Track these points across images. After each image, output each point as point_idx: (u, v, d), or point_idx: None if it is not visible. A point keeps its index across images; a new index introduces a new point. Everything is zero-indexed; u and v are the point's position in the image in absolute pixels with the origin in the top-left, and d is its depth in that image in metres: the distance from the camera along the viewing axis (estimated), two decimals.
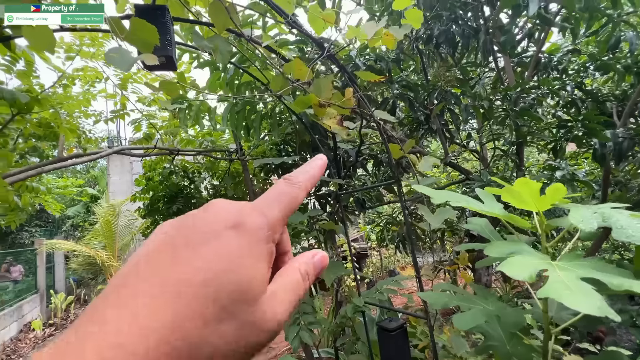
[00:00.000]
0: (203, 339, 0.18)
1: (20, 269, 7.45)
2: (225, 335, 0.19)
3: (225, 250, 0.20)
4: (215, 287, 0.19)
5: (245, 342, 0.19)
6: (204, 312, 0.18)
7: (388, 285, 1.53)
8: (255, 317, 0.20)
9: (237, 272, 0.20)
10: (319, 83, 0.98)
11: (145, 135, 1.71)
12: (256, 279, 0.20)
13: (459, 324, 0.67)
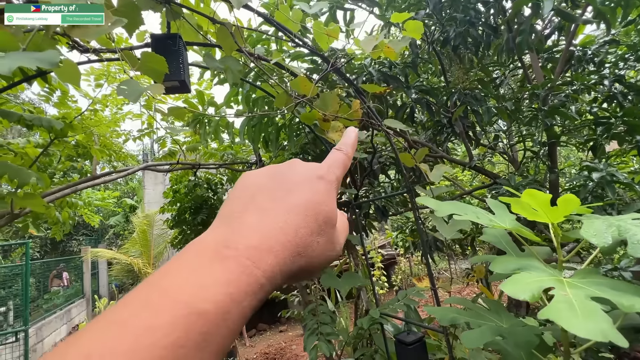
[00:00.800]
0: (310, 243, 0.26)
1: (66, 276, 8.04)
2: (320, 244, 0.27)
3: (318, 190, 0.28)
4: (316, 212, 0.27)
5: (327, 254, 0.28)
6: (311, 225, 0.26)
7: (409, 295, 1.50)
8: (334, 237, 0.29)
9: (326, 204, 0.28)
10: (325, 97, 1.00)
11: (170, 151, 1.82)
12: (334, 212, 0.29)
13: (467, 341, 0.64)
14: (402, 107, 2.20)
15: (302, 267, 0.26)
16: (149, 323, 0.17)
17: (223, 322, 0.19)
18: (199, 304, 0.19)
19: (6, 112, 0.98)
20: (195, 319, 0.18)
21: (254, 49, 1.46)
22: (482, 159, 3.15)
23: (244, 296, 0.21)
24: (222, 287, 0.20)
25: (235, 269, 0.21)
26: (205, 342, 0.18)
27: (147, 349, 0.16)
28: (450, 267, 9.13)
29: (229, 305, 0.20)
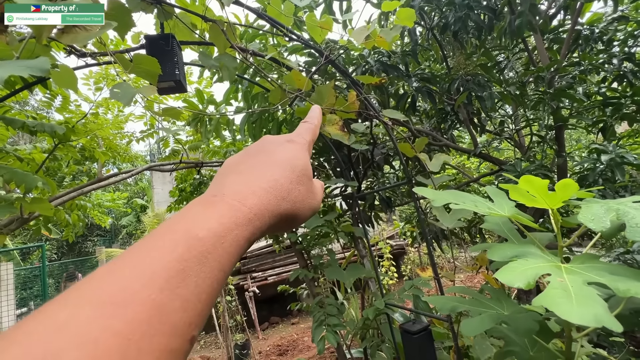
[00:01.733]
0: (291, 189, 0.31)
1: (80, 277, 8.24)
2: (302, 192, 0.32)
3: (290, 149, 0.34)
4: (292, 164, 0.32)
5: (309, 201, 0.33)
6: (289, 175, 0.31)
7: (415, 285, 1.50)
8: (313, 187, 0.34)
9: (300, 159, 0.33)
10: (320, 90, 0.99)
11: (173, 151, 1.85)
12: (309, 166, 0.34)
13: (466, 330, 0.65)
14: (404, 96, 2.18)
15: (288, 210, 0.30)
16: (156, 244, 0.21)
17: (219, 244, 0.23)
18: (197, 231, 0.22)
19: (10, 119, 1.00)
20: (194, 241, 0.22)
21: (250, 44, 1.45)
22: (487, 146, 3.10)
23: (234, 226, 0.24)
24: (215, 220, 0.24)
25: (223, 207, 0.25)
26: (204, 259, 0.22)
27: (157, 261, 0.20)
28: (459, 255, 9.08)
29: (222, 232, 0.23)
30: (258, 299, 6.03)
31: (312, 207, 0.34)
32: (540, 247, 0.69)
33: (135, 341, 0.16)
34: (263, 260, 6.47)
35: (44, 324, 0.15)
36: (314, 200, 0.34)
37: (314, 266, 2.00)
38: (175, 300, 0.19)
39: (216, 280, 0.22)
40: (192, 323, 0.20)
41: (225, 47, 0.98)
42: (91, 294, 0.18)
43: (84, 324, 0.16)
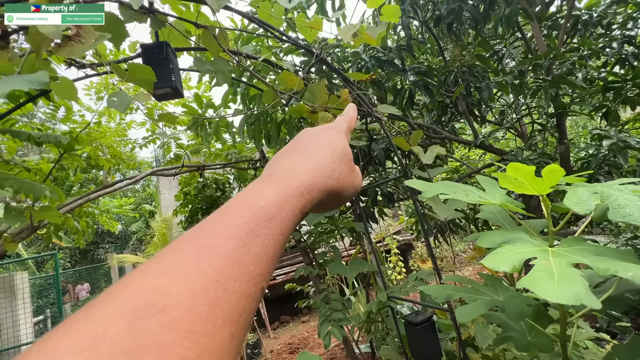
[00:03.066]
0: (335, 168, 0.34)
1: (88, 287, 8.33)
2: (344, 171, 0.35)
3: (329, 135, 0.38)
4: (332, 146, 0.36)
5: (351, 179, 0.36)
6: (331, 155, 0.35)
7: (419, 278, 1.51)
8: (353, 168, 0.38)
9: (339, 142, 0.37)
10: (313, 89, 1.01)
11: (175, 156, 1.88)
12: (348, 149, 0.38)
13: (460, 316, 0.66)
14: (401, 90, 2.18)
15: (333, 186, 0.34)
16: (229, 213, 0.25)
17: (278, 212, 0.27)
18: (259, 201, 0.26)
19: (16, 131, 1.04)
20: (257, 209, 0.26)
21: (245, 47, 1.47)
22: (489, 137, 3.08)
23: (289, 197, 0.28)
24: (271, 193, 0.28)
25: (277, 182, 0.30)
26: (268, 223, 0.25)
27: (231, 224, 0.24)
28: (468, 248, 9.02)
29: (279, 201, 0.27)
30: (268, 299, 6.08)
31: (355, 184, 0.37)
32: (531, 233, 0.71)
33: (222, 283, 0.20)
34: None
35: (155, 267, 0.20)
36: (356, 178, 0.38)
37: (318, 263, 2.02)
38: (248, 254, 0.23)
39: (278, 242, 0.26)
40: (263, 274, 0.24)
41: (218, 52, 1.01)
42: (188, 243, 0.22)
43: (184, 267, 0.20)
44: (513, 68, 2.97)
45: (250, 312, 0.22)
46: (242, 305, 0.21)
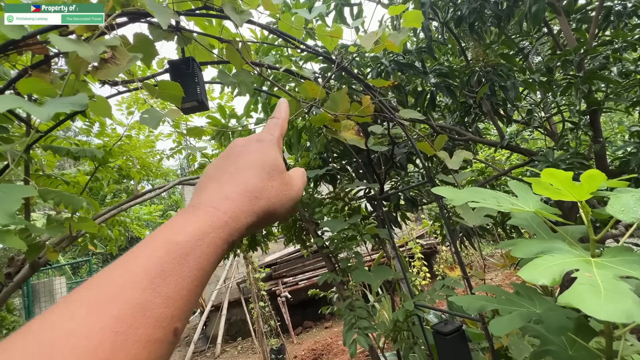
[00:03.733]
0: (264, 187, 0.33)
1: None
2: (274, 188, 0.34)
3: (258, 149, 0.36)
4: (261, 163, 0.35)
5: (286, 193, 0.35)
6: (260, 174, 0.34)
7: (446, 285, 1.47)
8: (286, 179, 0.36)
9: (269, 156, 0.36)
10: (334, 97, 1.02)
11: (200, 165, 1.94)
12: (280, 161, 0.36)
13: (495, 329, 0.63)
14: (422, 93, 2.15)
15: (263, 207, 0.33)
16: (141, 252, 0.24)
17: (197, 246, 0.26)
18: (174, 237, 0.26)
19: (56, 147, 1.12)
20: (171, 246, 0.25)
21: (265, 57, 1.50)
22: (516, 137, 2.96)
23: (210, 229, 0.28)
24: (191, 226, 0.27)
25: (199, 213, 0.29)
26: (183, 260, 0.25)
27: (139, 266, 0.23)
28: (495, 252, 8.67)
29: (198, 235, 0.27)
30: (290, 304, 6.10)
31: (290, 197, 0.36)
32: (570, 241, 0.67)
33: (121, 333, 0.19)
34: (293, 265, 6.55)
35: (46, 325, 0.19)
36: (291, 190, 0.36)
37: (341, 269, 2.01)
38: (157, 297, 0.22)
39: (196, 278, 0.25)
40: (175, 316, 0.23)
41: (241, 65, 1.03)
42: (86, 296, 0.21)
43: (77, 322, 0.19)
44: (539, 64, 2.85)
45: (161, 357, 0.21)
46: (146, 353, 0.20)
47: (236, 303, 6.81)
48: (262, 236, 2.36)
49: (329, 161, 2.43)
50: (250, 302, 5.25)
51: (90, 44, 0.66)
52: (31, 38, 0.80)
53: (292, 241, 2.61)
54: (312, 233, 2.30)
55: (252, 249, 2.46)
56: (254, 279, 5.06)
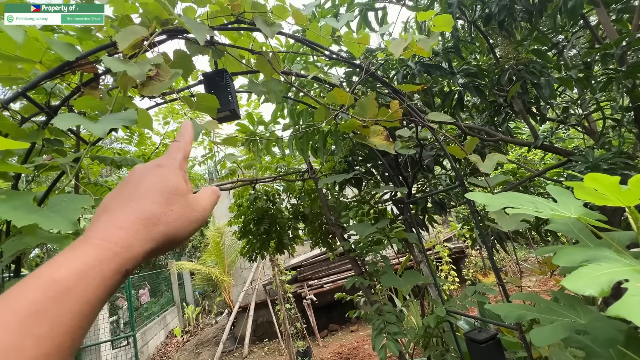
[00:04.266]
0: (163, 213, 0.34)
1: (148, 292, 9.01)
2: (174, 212, 0.35)
3: (157, 174, 0.36)
4: (159, 189, 0.35)
5: (188, 215, 0.36)
6: (158, 200, 0.34)
7: (478, 291, 1.43)
8: (189, 202, 0.37)
9: (169, 181, 0.36)
10: (362, 103, 1.03)
11: (230, 170, 2.01)
12: (181, 185, 0.37)
13: (536, 339, 0.61)
14: (449, 94, 2.10)
15: (162, 232, 0.33)
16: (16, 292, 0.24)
17: (81, 280, 0.26)
18: (54, 274, 0.26)
19: (102, 157, 1.20)
20: (50, 284, 0.25)
21: (292, 65, 1.54)
22: (551, 135, 2.81)
23: (97, 262, 0.28)
24: (75, 260, 0.27)
25: (86, 246, 0.29)
26: (63, 297, 0.25)
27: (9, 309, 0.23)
28: (528, 256, 8.26)
29: (82, 269, 0.27)
30: (316, 306, 6.12)
31: (194, 219, 0.37)
32: (617, 249, 0.64)
33: None
34: (318, 268, 6.57)
35: None
36: (194, 212, 0.37)
37: (369, 273, 2.00)
38: (28, 339, 0.22)
39: (80, 312, 0.25)
40: (50, 354, 0.23)
41: (271, 74, 1.07)
42: None
43: None
44: (574, 59, 2.71)
45: None
46: None
47: (263, 305, 6.93)
48: (289, 239, 2.40)
49: (354, 164, 2.43)
50: (277, 304, 5.33)
51: (137, 64, 0.72)
52: (83, 59, 0.87)
53: (318, 244, 2.63)
54: (338, 236, 2.31)
55: (279, 252, 2.50)
56: (280, 281, 5.13)
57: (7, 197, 0.60)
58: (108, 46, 0.86)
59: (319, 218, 2.50)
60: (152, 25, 0.81)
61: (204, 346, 7.44)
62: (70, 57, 0.81)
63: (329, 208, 2.26)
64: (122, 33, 0.75)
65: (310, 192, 2.37)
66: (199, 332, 8.80)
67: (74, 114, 0.66)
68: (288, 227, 2.41)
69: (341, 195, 2.46)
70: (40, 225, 0.54)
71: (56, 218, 0.57)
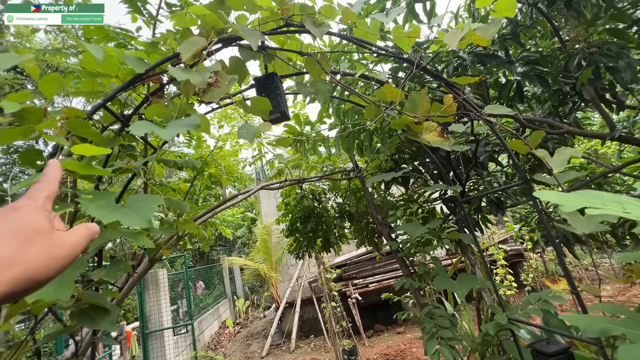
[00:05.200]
0: (18, 255, 0.33)
1: (202, 285, 9.61)
2: (34, 252, 0.35)
3: (12, 217, 0.36)
4: (16, 232, 0.35)
5: (53, 254, 0.36)
6: (13, 242, 0.34)
7: (543, 298, 1.30)
8: (53, 240, 0.37)
9: (27, 222, 0.36)
10: (414, 99, 0.99)
11: (278, 170, 2.08)
12: (42, 224, 0.37)
13: (625, 356, 0.54)
14: (506, 85, 1.94)
15: (20, 274, 0.33)
16: None
17: None
18: None
19: (165, 160, 1.31)
20: None
21: (339, 64, 1.54)
22: (631, 126, 2.47)
23: None
24: None
25: None
26: None
27: None
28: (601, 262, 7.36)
29: None
30: (361, 306, 6.07)
31: (59, 256, 0.36)
32: None
33: None
34: (363, 267, 6.51)
35: None
36: (60, 250, 0.37)
37: (418, 274, 1.93)
38: None
39: None
40: None
41: (319, 75, 1.08)
42: None
43: None
44: None
45: None
46: None
47: (308, 301, 7.06)
48: (335, 238, 2.42)
49: (400, 163, 2.36)
50: (322, 302, 5.38)
51: (198, 72, 0.77)
52: (151, 70, 0.95)
53: (364, 243, 2.60)
54: (385, 236, 2.27)
55: (326, 250, 2.52)
56: (326, 279, 5.18)
57: (94, 197, 0.68)
58: (172, 57, 0.94)
59: (365, 217, 2.47)
60: (210, 35, 0.86)
61: (253, 338, 7.79)
62: (140, 70, 0.89)
63: (375, 207, 2.23)
64: (184, 44, 0.81)
65: (356, 191, 2.36)
66: (249, 324, 9.24)
67: (146, 121, 0.73)
68: (334, 225, 2.42)
69: (387, 194, 2.41)
70: (122, 222, 0.61)
71: (134, 216, 0.63)
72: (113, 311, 0.84)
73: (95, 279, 0.97)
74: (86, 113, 0.88)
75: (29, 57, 0.79)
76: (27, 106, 0.77)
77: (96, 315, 0.82)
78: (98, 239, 0.89)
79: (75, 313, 0.78)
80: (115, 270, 0.97)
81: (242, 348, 7.37)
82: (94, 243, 0.89)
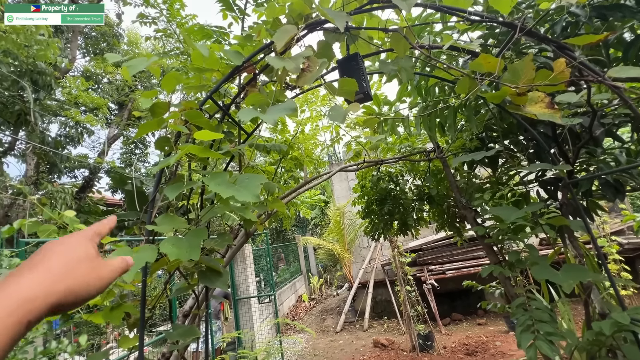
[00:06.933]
0: (67, 273, 0.40)
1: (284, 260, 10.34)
2: (80, 272, 0.41)
3: (65, 242, 0.44)
4: (65, 254, 0.42)
5: (95, 275, 0.43)
6: (64, 261, 0.41)
7: None
8: (95, 264, 0.44)
9: (75, 248, 0.43)
10: (515, 68, 0.89)
11: (355, 152, 2.09)
12: (88, 251, 0.44)
13: None
14: (635, 42, 1.58)
15: (67, 287, 0.39)
16: None
17: None
18: None
19: (258, 144, 1.44)
20: None
21: (422, 39, 1.45)
22: None
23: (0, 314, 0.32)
24: None
25: None
26: None
27: None
28: None
29: None
30: (437, 293, 5.86)
31: (99, 277, 0.43)
32: None
33: None
34: (439, 253, 6.23)
35: None
36: (101, 272, 0.44)
37: (509, 263, 1.78)
38: None
39: None
40: None
41: (405, 51, 1.04)
42: None
43: None
44: None
45: None
46: None
47: (381, 283, 7.09)
48: (413, 221, 2.35)
49: (487, 142, 2.15)
50: (396, 285, 5.35)
51: (291, 59, 0.81)
52: (247, 62, 1.04)
53: (445, 228, 2.48)
54: (470, 221, 2.12)
55: (403, 233, 2.48)
56: (400, 263, 5.12)
57: (211, 176, 0.79)
58: (265, 47, 1.01)
59: (445, 200, 2.34)
60: (299, 22, 0.90)
61: (327, 314, 8.21)
62: (238, 62, 0.99)
63: (458, 189, 2.09)
64: (278, 33, 0.86)
65: (437, 173, 2.24)
66: (323, 300, 9.74)
67: (250, 108, 0.81)
68: (412, 208, 2.36)
69: (472, 176, 2.23)
70: (237, 197, 0.70)
71: (244, 192, 0.72)
72: (225, 274, 0.98)
73: (207, 247, 1.14)
74: (197, 105, 1.02)
75: (155, 59, 0.94)
76: (157, 101, 0.93)
77: (212, 276, 0.98)
78: (209, 214, 1.04)
79: (198, 273, 0.94)
80: (222, 241, 1.13)
81: (318, 321, 7.84)
82: (205, 217, 1.05)
